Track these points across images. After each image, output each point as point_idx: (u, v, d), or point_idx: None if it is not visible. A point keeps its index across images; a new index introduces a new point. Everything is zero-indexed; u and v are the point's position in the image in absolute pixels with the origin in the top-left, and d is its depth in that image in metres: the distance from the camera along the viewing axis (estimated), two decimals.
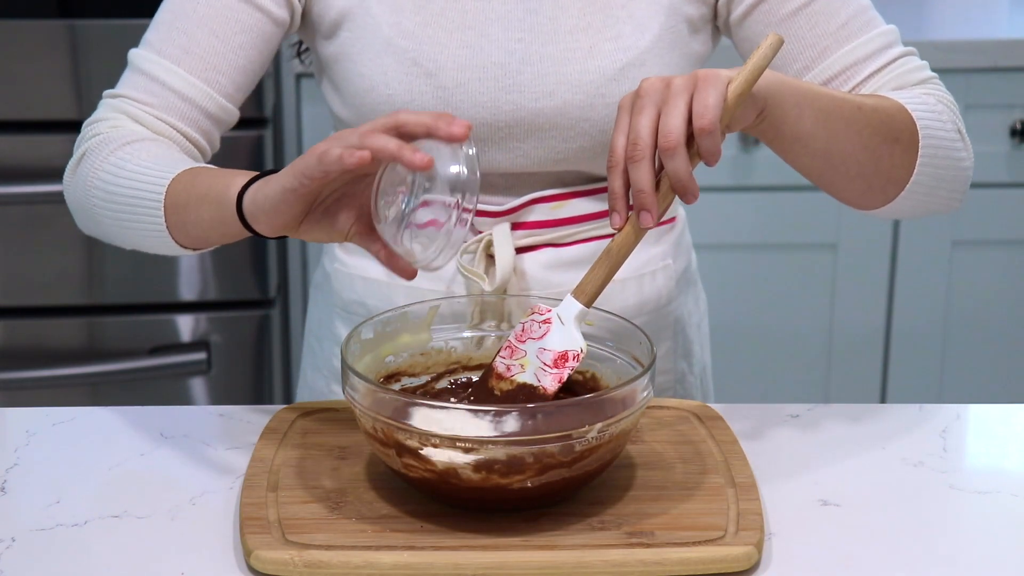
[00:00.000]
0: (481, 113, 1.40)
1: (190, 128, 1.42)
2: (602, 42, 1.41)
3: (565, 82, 1.40)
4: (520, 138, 1.42)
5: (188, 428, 1.38)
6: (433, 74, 1.40)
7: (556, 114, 1.40)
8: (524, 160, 1.43)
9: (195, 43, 1.40)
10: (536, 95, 1.40)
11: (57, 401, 2.41)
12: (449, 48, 1.40)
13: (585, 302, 1.23)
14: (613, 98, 1.40)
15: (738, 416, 1.37)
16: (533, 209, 1.45)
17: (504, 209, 1.45)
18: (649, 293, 1.49)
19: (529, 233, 1.45)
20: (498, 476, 1.14)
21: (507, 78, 1.40)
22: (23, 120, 2.37)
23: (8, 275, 2.43)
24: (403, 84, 1.40)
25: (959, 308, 2.71)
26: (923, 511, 1.24)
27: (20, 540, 1.18)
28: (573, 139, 1.42)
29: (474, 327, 1.34)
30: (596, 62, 1.40)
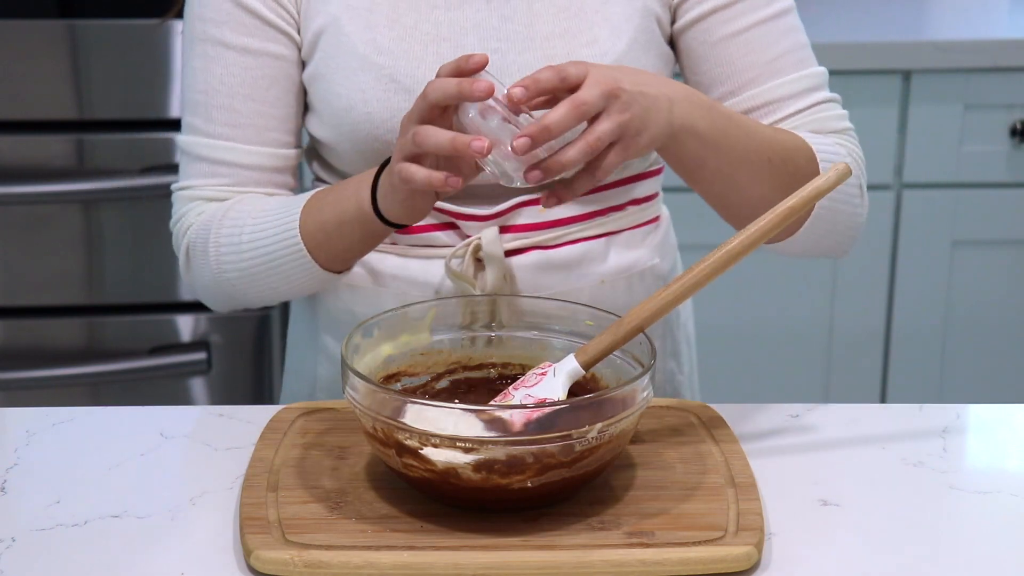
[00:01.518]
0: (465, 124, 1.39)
1: (264, 189, 1.45)
2: (579, 48, 1.40)
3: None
4: None
5: (188, 428, 1.38)
6: (411, 89, 1.38)
7: None
8: None
9: (237, 114, 1.42)
10: None
11: (57, 401, 2.41)
12: (425, 62, 1.39)
13: (583, 363, 1.24)
14: None
15: (738, 416, 1.37)
16: (521, 212, 1.44)
17: (491, 213, 1.44)
18: (638, 294, 1.49)
19: (517, 236, 1.45)
20: (498, 476, 1.14)
21: None
22: (23, 120, 2.37)
23: (8, 275, 2.43)
24: (381, 101, 1.39)
25: (959, 308, 2.71)
26: (923, 511, 1.24)
27: (20, 540, 1.18)
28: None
29: (466, 328, 1.34)
30: None
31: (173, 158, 2.37)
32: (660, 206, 1.56)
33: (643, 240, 1.51)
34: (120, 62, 2.35)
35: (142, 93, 2.36)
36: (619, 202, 1.49)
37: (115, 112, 2.37)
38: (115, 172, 2.37)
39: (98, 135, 2.38)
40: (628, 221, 1.50)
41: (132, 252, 2.43)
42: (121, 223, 2.41)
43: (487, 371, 1.34)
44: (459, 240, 1.44)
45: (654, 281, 1.51)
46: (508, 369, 1.33)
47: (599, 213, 1.47)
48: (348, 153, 1.44)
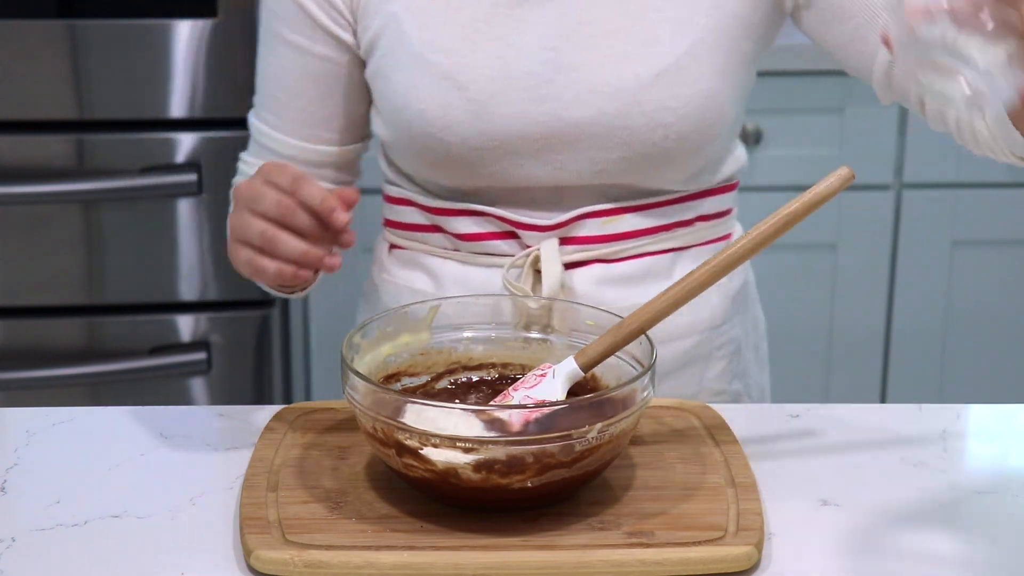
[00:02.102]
0: (515, 125, 1.38)
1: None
2: (637, 47, 1.37)
3: (599, 90, 1.37)
4: (557, 150, 1.39)
5: (188, 428, 1.38)
6: (464, 87, 1.38)
7: (591, 123, 1.37)
8: (563, 173, 1.40)
9: (283, 107, 1.47)
10: (569, 104, 1.37)
11: (57, 401, 2.41)
12: (480, 60, 1.38)
13: (582, 365, 1.24)
14: (650, 106, 1.37)
15: (738, 416, 1.37)
16: (583, 224, 1.42)
17: (551, 223, 1.42)
18: (702, 313, 1.46)
19: (579, 248, 1.43)
20: (498, 476, 1.14)
21: (540, 88, 1.37)
22: (23, 120, 2.37)
23: (8, 275, 2.43)
24: (435, 99, 1.39)
25: (959, 308, 2.71)
26: (923, 511, 1.24)
27: (20, 540, 1.18)
28: (612, 149, 1.38)
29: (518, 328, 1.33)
30: (631, 68, 1.37)
31: (173, 158, 2.37)
32: (733, 223, 1.54)
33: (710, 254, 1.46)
34: (120, 62, 2.34)
35: (142, 93, 2.36)
36: (686, 217, 1.47)
37: (115, 112, 2.37)
38: (115, 172, 2.37)
39: (98, 135, 2.37)
40: (696, 237, 1.48)
41: (132, 252, 2.43)
42: (121, 223, 2.41)
43: (487, 371, 1.34)
44: (519, 249, 1.43)
45: (720, 300, 1.48)
46: (508, 369, 1.33)
47: (665, 228, 1.45)
48: (406, 151, 1.45)
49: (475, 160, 1.41)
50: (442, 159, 1.42)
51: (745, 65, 1.42)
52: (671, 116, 1.37)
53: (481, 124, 1.38)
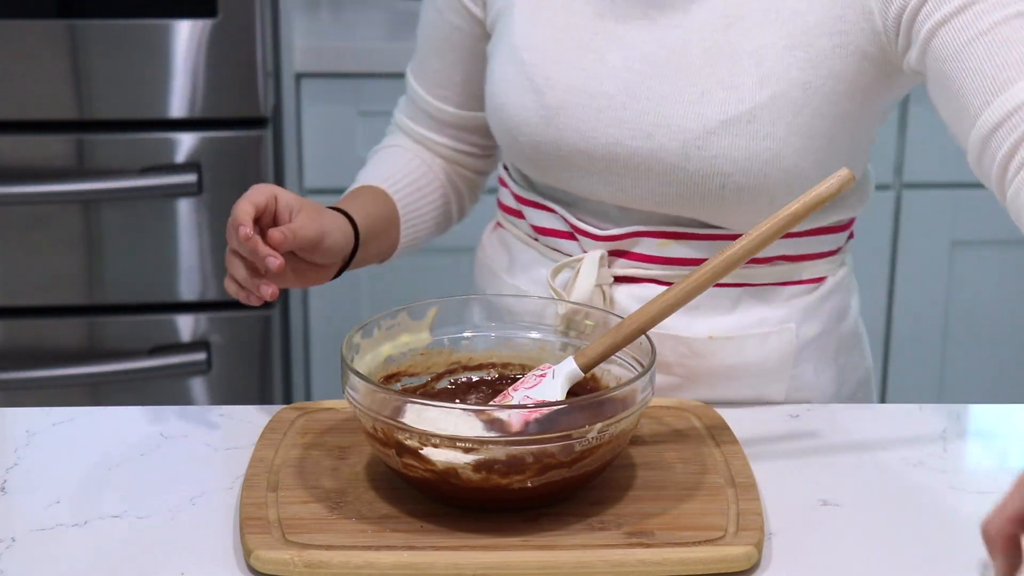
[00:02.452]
0: (580, 141, 1.37)
1: (433, 134, 1.58)
2: (716, 88, 1.32)
3: (665, 124, 1.33)
4: (618, 173, 1.37)
5: (188, 428, 1.38)
6: (541, 92, 1.38)
7: (651, 157, 1.34)
8: (624, 196, 1.38)
9: (426, 65, 1.55)
10: (634, 134, 1.35)
11: (57, 401, 2.40)
12: (564, 68, 1.37)
13: (582, 365, 1.23)
14: (710, 151, 1.32)
15: (738, 416, 1.37)
16: (638, 241, 1.40)
17: (606, 235, 1.40)
18: (752, 356, 1.41)
19: (632, 264, 1.40)
20: (498, 476, 1.14)
21: (611, 111, 1.35)
22: (23, 120, 2.37)
23: (8, 275, 2.43)
24: (514, 96, 1.40)
25: (959, 308, 2.71)
26: (923, 511, 1.24)
27: (20, 540, 1.17)
28: (669, 184, 1.35)
29: (560, 333, 1.33)
30: (701, 109, 1.32)
31: (173, 158, 2.37)
32: (833, 266, 1.45)
33: (787, 299, 1.42)
34: (120, 62, 2.34)
35: (142, 93, 2.36)
36: (765, 255, 1.40)
37: (115, 112, 2.37)
38: (115, 172, 2.37)
39: (98, 135, 2.38)
40: (775, 277, 1.42)
41: (132, 252, 2.43)
42: (121, 223, 2.41)
43: (487, 371, 1.34)
44: (579, 251, 1.43)
45: (780, 346, 1.41)
46: (508, 369, 1.33)
47: None
48: (496, 139, 1.47)
49: (543, 163, 1.41)
50: (519, 154, 1.43)
51: (843, 124, 1.35)
52: (730, 166, 1.33)
53: (550, 131, 1.38)
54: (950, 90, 1.25)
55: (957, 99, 1.25)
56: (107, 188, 2.37)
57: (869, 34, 1.31)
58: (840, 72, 1.32)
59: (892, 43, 1.30)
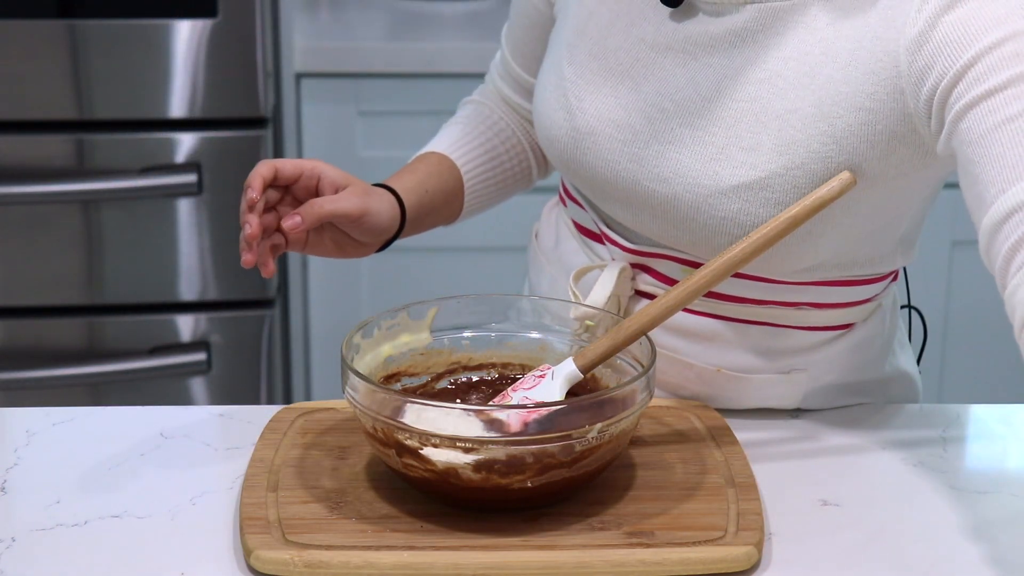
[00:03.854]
0: (603, 169, 1.35)
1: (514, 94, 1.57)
2: (735, 148, 1.27)
3: (681, 174, 1.30)
4: (636, 207, 1.34)
5: (188, 428, 1.38)
6: (573, 113, 1.36)
7: (666, 203, 1.31)
8: (643, 227, 1.36)
9: (513, 38, 1.55)
10: (652, 176, 1.31)
11: (57, 401, 2.41)
12: (599, 92, 1.35)
13: (581, 367, 1.23)
14: (719, 213, 1.28)
15: (738, 416, 1.37)
16: (662, 262, 1.36)
17: (632, 248, 1.38)
18: (757, 395, 1.38)
19: (654, 283, 1.38)
20: (498, 476, 1.14)
21: (634, 146, 1.32)
22: (23, 120, 2.37)
23: (8, 275, 2.43)
24: (550, 110, 1.39)
25: (959, 308, 2.71)
26: (923, 511, 1.24)
27: (20, 540, 1.17)
28: (683, 231, 1.31)
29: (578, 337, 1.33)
30: (717, 167, 1.28)
31: (173, 158, 2.37)
32: (865, 313, 1.40)
33: (805, 346, 1.37)
34: (120, 62, 2.34)
35: (142, 93, 2.36)
36: (790, 300, 1.35)
37: (115, 112, 2.37)
38: (115, 172, 2.37)
39: (98, 135, 2.38)
40: (797, 320, 1.36)
41: (132, 252, 2.43)
42: (121, 223, 2.41)
43: (487, 371, 1.34)
44: (608, 256, 1.41)
45: (788, 390, 1.38)
46: (508, 369, 1.33)
47: (757, 302, 1.35)
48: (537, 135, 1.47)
49: (571, 176, 1.41)
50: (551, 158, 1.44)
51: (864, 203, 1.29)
52: (738, 230, 1.27)
53: (577, 153, 1.37)
54: (972, 175, 1.18)
55: (976, 184, 1.17)
56: (107, 188, 2.37)
57: (899, 115, 1.23)
58: (864, 152, 1.25)
59: (925, 125, 1.22)
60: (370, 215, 1.35)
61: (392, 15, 2.75)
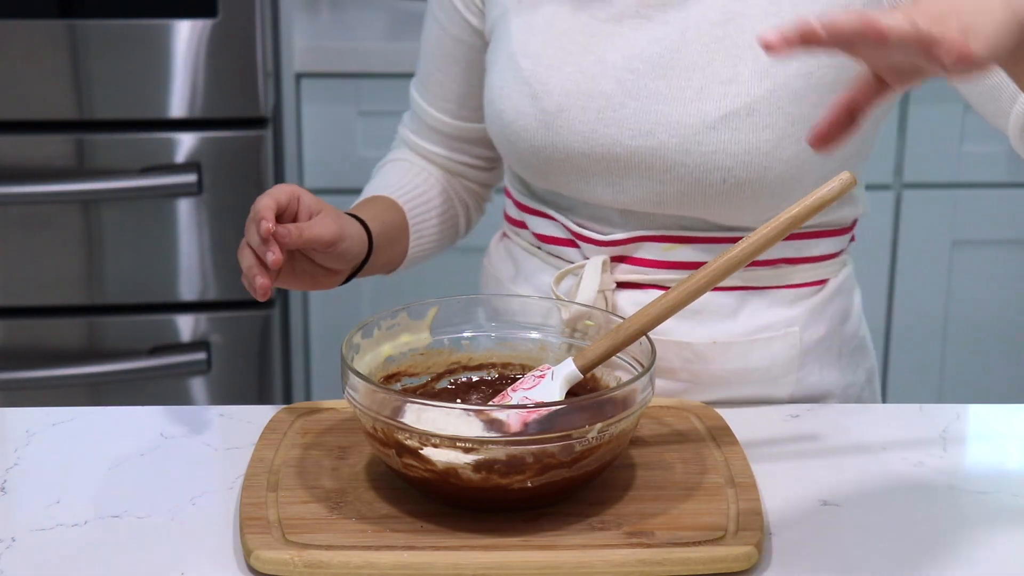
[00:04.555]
0: (579, 143, 1.37)
1: (439, 148, 1.58)
2: (715, 83, 1.32)
3: (664, 122, 1.34)
4: (618, 174, 1.37)
5: (188, 428, 1.38)
6: (539, 97, 1.38)
7: (651, 155, 1.34)
8: (626, 197, 1.38)
9: (428, 78, 1.56)
10: (633, 132, 1.35)
11: (57, 401, 2.41)
12: (562, 72, 1.38)
13: (581, 367, 1.23)
14: (709, 147, 1.32)
15: (738, 416, 1.37)
16: (641, 246, 1.40)
17: (608, 239, 1.40)
18: (757, 360, 1.41)
19: (634, 270, 1.40)
20: (498, 476, 1.14)
21: (609, 110, 1.36)
22: (23, 120, 2.37)
23: (8, 275, 2.43)
24: (510, 100, 1.40)
25: (959, 308, 2.71)
26: (923, 511, 1.24)
27: (20, 540, 1.18)
28: (669, 182, 1.35)
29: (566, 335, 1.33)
30: (701, 105, 1.33)
31: (173, 158, 2.37)
32: (835, 269, 1.46)
33: (791, 302, 1.42)
34: (120, 62, 2.34)
35: (142, 93, 2.36)
36: (767, 257, 1.40)
37: (115, 112, 2.37)
38: (115, 172, 2.37)
39: (98, 135, 2.38)
40: (776, 280, 1.42)
41: (132, 252, 2.43)
42: (121, 223, 2.41)
43: (487, 371, 1.34)
44: (581, 258, 1.43)
45: (784, 350, 1.41)
46: (508, 369, 1.33)
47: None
48: (496, 146, 1.48)
49: (545, 168, 1.41)
50: (518, 160, 1.44)
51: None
52: (730, 160, 1.33)
53: (550, 136, 1.38)
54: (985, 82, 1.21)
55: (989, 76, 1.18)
56: (107, 188, 2.37)
57: None
58: (844, 62, 1.26)
59: None
60: (344, 240, 1.35)
61: (392, 15, 2.75)
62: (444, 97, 1.55)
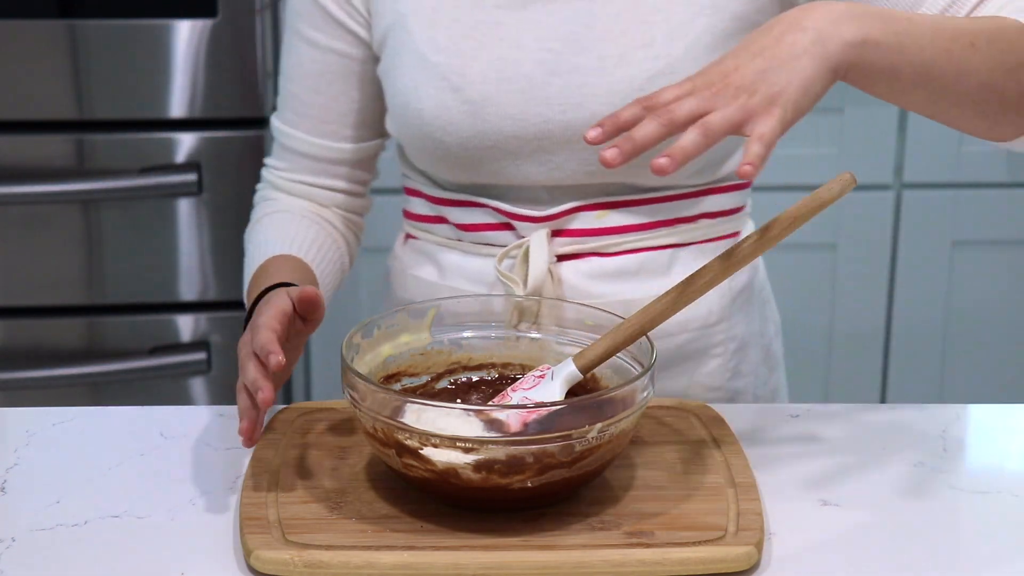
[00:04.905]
0: (510, 127, 1.39)
1: (322, 178, 1.53)
2: (633, 50, 1.36)
3: (593, 93, 1.37)
4: (551, 151, 1.39)
5: (188, 428, 1.38)
6: (460, 88, 1.39)
7: (584, 126, 1.35)
8: (559, 173, 1.40)
9: (303, 104, 1.50)
10: (564, 107, 1.37)
11: (57, 401, 2.40)
12: (480, 61, 1.39)
13: (581, 367, 1.23)
14: None
15: (738, 416, 1.37)
16: (576, 217, 1.42)
17: (544, 215, 1.42)
18: (695, 311, 1.44)
19: (572, 241, 1.43)
20: (498, 476, 1.14)
21: (535, 90, 1.38)
22: (23, 120, 2.37)
23: (8, 275, 2.43)
24: (432, 99, 1.40)
25: (959, 308, 2.71)
26: (923, 511, 1.24)
27: (20, 540, 1.17)
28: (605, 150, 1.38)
29: (512, 327, 1.34)
30: (625, 71, 1.36)
31: (173, 158, 2.37)
32: (743, 221, 1.52)
33: (714, 254, 1.41)
34: (120, 62, 2.34)
35: (142, 93, 2.36)
36: (688, 214, 1.45)
37: (115, 112, 2.37)
38: (115, 172, 2.37)
39: (98, 135, 2.37)
40: (699, 234, 1.46)
41: (132, 252, 2.43)
42: (121, 223, 2.41)
43: (487, 371, 1.34)
44: (514, 240, 1.44)
45: (717, 299, 1.47)
46: (508, 369, 1.33)
47: (663, 223, 1.44)
48: (410, 147, 1.46)
49: (473, 158, 1.41)
50: (442, 156, 1.43)
51: None
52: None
53: (477, 124, 1.39)
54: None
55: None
56: (107, 188, 2.37)
57: None
58: (741, 13, 1.37)
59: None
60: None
61: None
62: (327, 120, 1.50)
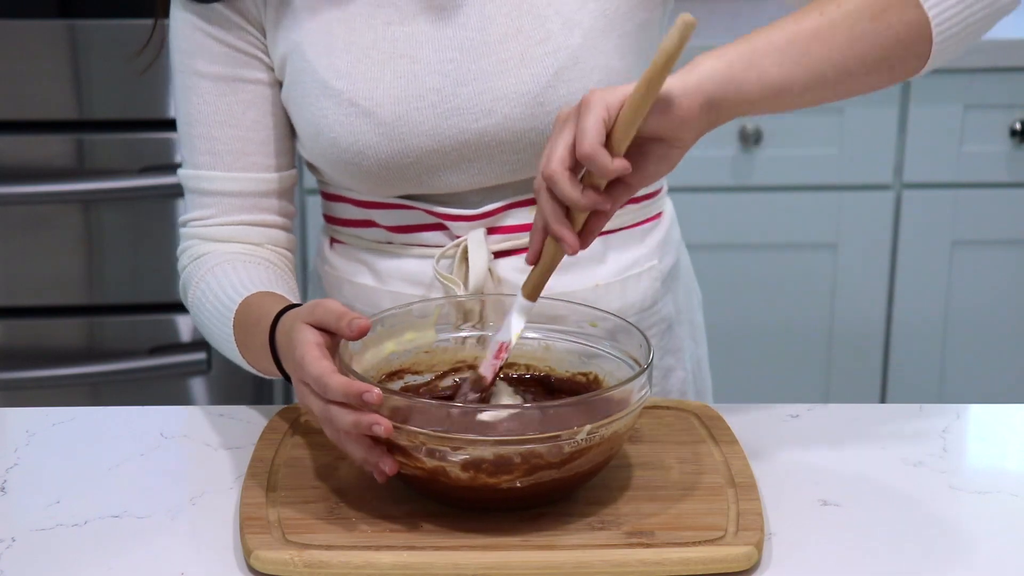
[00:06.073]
0: (426, 142, 1.37)
1: (253, 215, 1.45)
2: (532, 46, 1.36)
3: (502, 96, 1.36)
4: (471, 159, 1.38)
5: (188, 428, 1.38)
6: (371, 112, 1.37)
7: (499, 130, 1.36)
8: (482, 177, 1.40)
9: (215, 142, 1.43)
10: (476, 115, 1.36)
11: (57, 401, 2.41)
12: (384, 82, 1.37)
13: (527, 295, 1.23)
14: (553, 105, 1.36)
15: (738, 416, 1.37)
16: (509, 213, 1.42)
17: (478, 213, 1.42)
18: (633, 297, 1.47)
19: (507, 237, 1.43)
20: (486, 476, 1.14)
21: (445, 102, 1.36)
22: (23, 120, 2.37)
23: (8, 275, 2.43)
24: (343, 126, 1.37)
25: (959, 308, 2.71)
26: (923, 511, 1.24)
27: (20, 540, 1.18)
28: (523, 150, 1.38)
29: (456, 328, 1.34)
30: (529, 70, 1.36)
31: (173, 158, 2.37)
32: (662, 202, 1.53)
33: (643, 239, 1.48)
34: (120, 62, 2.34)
35: (142, 93, 2.36)
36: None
37: (115, 112, 2.37)
38: (115, 172, 2.37)
39: (98, 135, 2.38)
40: (626, 220, 1.47)
41: (132, 252, 2.43)
42: (121, 223, 2.41)
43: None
44: (449, 240, 1.43)
45: (651, 283, 1.48)
46: (512, 369, 1.33)
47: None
48: (330, 172, 1.44)
49: (394, 176, 1.40)
50: (363, 177, 1.41)
51: (648, 35, 1.40)
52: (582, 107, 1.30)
53: (393, 145, 1.37)
54: None
55: None
56: (107, 188, 2.37)
57: None
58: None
59: None
60: None
61: None
62: (245, 152, 1.43)
